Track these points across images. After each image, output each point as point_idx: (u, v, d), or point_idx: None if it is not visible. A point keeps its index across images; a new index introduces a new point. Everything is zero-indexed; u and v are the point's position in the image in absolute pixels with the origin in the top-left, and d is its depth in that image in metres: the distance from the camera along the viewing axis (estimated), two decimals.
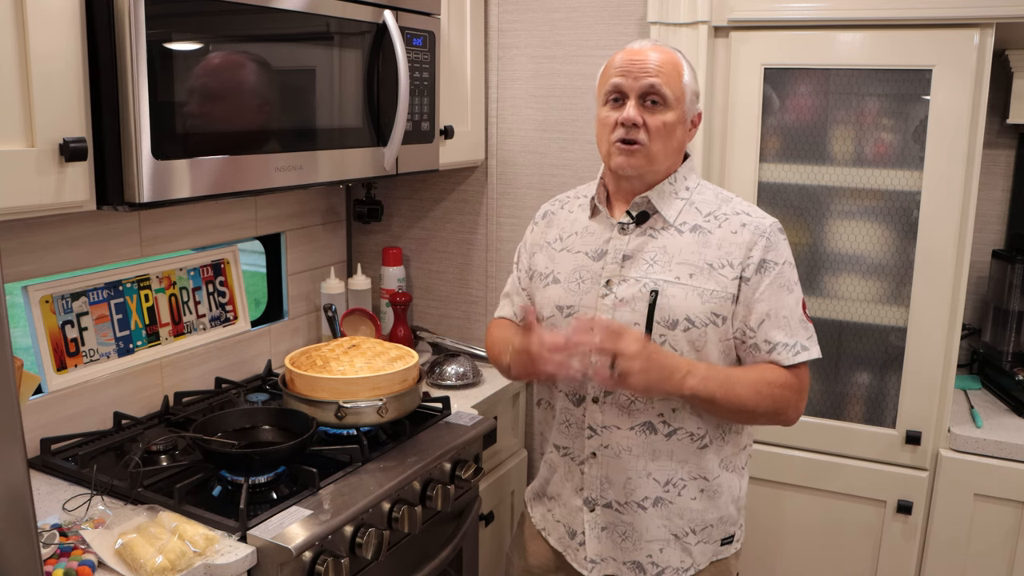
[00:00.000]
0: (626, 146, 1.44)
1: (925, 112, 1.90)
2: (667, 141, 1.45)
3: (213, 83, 1.48)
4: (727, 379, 1.40)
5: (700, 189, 1.52)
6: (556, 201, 1.67)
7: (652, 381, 1.35)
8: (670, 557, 1.52)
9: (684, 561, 1.52)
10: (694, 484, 1.50)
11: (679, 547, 1.52)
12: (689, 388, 1.37)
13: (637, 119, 1.42)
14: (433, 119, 2.04)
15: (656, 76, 1.42)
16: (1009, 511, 1.93)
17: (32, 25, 1.25)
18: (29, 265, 1.68)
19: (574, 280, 1.53)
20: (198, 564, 1.32)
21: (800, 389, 1.45)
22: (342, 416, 1.72)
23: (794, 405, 1.46)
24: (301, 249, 2.38)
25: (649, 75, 1.42)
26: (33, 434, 1.68)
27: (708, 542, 1.53)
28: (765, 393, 1.41)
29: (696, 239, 1.46)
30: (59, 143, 1.30)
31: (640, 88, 1.43)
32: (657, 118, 1.43)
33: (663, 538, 1.51)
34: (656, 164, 1.46)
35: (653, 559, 1.52)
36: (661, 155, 1.45)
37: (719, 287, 1.43)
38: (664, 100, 1.42)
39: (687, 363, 1.39)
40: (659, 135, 1.43)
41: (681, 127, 1.46)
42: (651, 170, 1.47)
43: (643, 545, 1.52)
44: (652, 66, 1.42)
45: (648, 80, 1.42)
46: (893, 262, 2.01)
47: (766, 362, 1.44)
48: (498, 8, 2.31)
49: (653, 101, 1.43)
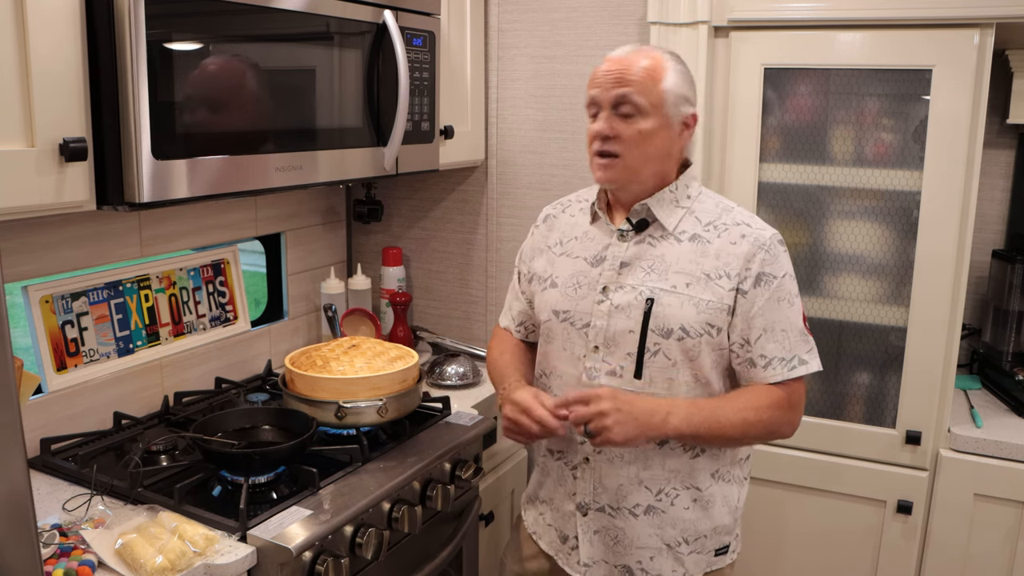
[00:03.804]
0: (602, 160, 1.44)
1: (925, 112, 1.90)
2: (643, 149, 1.43)
3: (213, 83, 1.48)
4: (712, 413, 1.40)
5: (701, 198, 1.50)
6: (558, 204, 1.66)
7: (632, 431, 1.36)
8: (661, 566, 1.51)
9: (676, 571, 1.51)
10: (687, 494, 1.49)
11: (671, 556, 1.51)
12: (673, 428, 1.38)
13: (605, 131, 1.42)
14: (433, 119, 2.04)
15: (626, 86, 1.40)
16: (1009, 511, 1.93)
17: (32, 25, 1.25)
18: (29, 265, 1.68)
19: (571, 285, 1.52)
20: (198, 564, 1.32)
21: (791, 406, 1.44)
22: (342, 416, 1.72)
23: (787, 422, 1.44)
24: (301, 249, 2.38)
25: (619, 85, 1.40)
26: (33, 434, 1.68)
27: (701, 552, 1.52)
28: (752, 419, 1.40)
29: (695, 248, 1.45)
30: (59, 143, 1.30)
31: (611, 99, 1.41)
32: (631, 127, 1.41)
33: (654, 546, 1.50)
34: (637, 174, 1.45)
35: (643, 566, 1.51)
36: (639, 164, 1.44)
37: (715, 297, 1.42)
38: (637, 108, 1.40)
39: (667, 403, 1.39)
40: (633, 144, 1.42)
41: (664, 133, 1.43)
42: (633, 180, 1.46)
43: (634, 551, 1.51)
44: (623, 75, 1.40)
45: (618, 90, 1.40)
46: (893, 262, 2.01)
47: (760, 378, 1.43)
48: (498, 8, 2.31)
49: (626, 112, 1.41)
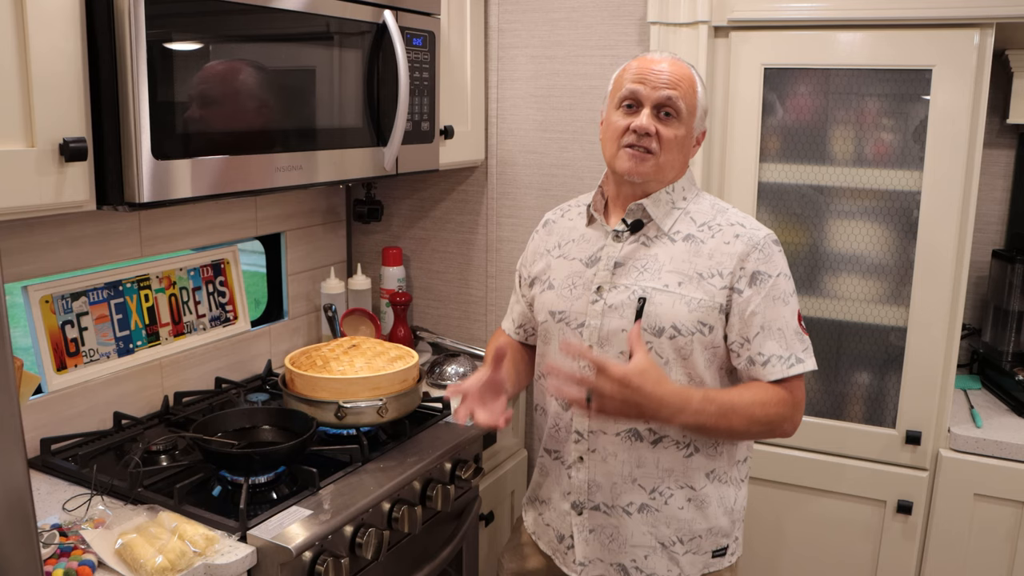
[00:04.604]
0: (637, 152, 1.43)
1: (925, 112, 1.90)
2: (677, 154, 1.45)
3: (213, 83, 1.48)
4: (720, 408, 1.38)
5: (697, 199, 1.52)
6: (558, 209, 1.68)
7: (631, 417, 1.37)
8: (656, 565, 1.51)
9: (671, 570, 1.51)
10: (681, 493, 1.49)
11: (666, 556, 1.51)
12: (679, 424, 1.38)
13: (651, 128, 1.42)
14: (433, 119, 2.04)
15: (674, 88, 1.42)
16: (1009, 511, 1.93)
17: (32, 25, 1.25)
18: (29, 265, 1.68)
19: (567, 286, 1.53)
20: (198, 564, 1.32)
21: (795, 404, 1.44)
22: (342, 416, 1.72)
23: (789, 419, 1.44)
24: (301, 249, 2.38)
25: (667, 86, 1.42)
26: (33, 434, 1.68)
27: (697, 553, 1.52)
28: (759, 415, 1.40)
29: (688, 248, 1.46)
30: (59, 143, 1.30)
31: (657, 98, 1.42)
32: (670, 130, 1.43)
33: (648, 545, 1.50)
34: (663, 174, 1.46)
35: (638, 564, 1.51)
36: (669, 167, 1.46)
37: (707, 296, 1.42)
38: (678, 113, 1.43)
39: (680, 400, 1.35)
40: (670, 147, 1.44)
41: (689, 141, 1.47)
42: (657, 179, 1.47)
43: (628, 549, 1.51)
44: (671, 78, 1.42)
45: (666, 92, 1.42)
46: (893, 262, 2.01)
47: (760, 376, 1.43)
48: (498, 8, 2.30)
49: (667, 113, 1.43)
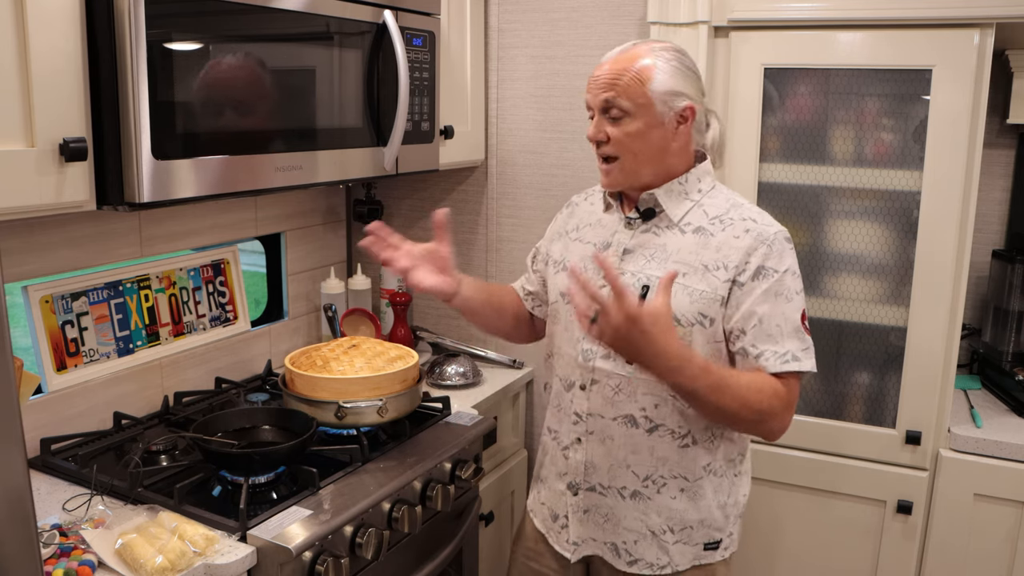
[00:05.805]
0: (604, 165, 1.48)
1: (925, 112, 1.90)
2: (639, 148, 1.44)
3: (213, 83, 1.48)
4: (716, 382, 1.35)
5: (713, 193, 1.51)
6: (584, 193, 1.70)
7: (626, 355, 1.33)
8: (644, 551, 1.52)
9: (660, 558, 1.52)
10: (674, 483, 1.49)
11: (655, 544, 1.51)
12: (671, 381, 1.34)
13: (597, 135, 1.46)
14: (433, 119, 2.04)
15: (610, 90, 1.42)
16: (1009, 511, 1.93)
17: (32, 25, 1.25)
18: (29, 265, 1.68)
19: (579, 269, 1.53)
20: (198, 564, 1.32)
21: (788, 402, 1.42)
22: (342, 416, 1.72)
23: (779, 417, 1.41)
24: (301, 249, 2.38)
25: (604, 89, 1.43)
26: (33, 434, 1.68)
27: (688, 544, 1.52)
28: (753, 401, 1.37)
29: (697, 240, 1.46)
30: (59, 143, 1.30)
31: (599, 104, 1.44)
32: (619, 129, 1.43)
33: (638, 530, 1.52)
34: (636, 175, 1.47)
35: (628, 548, 1.53)
36: (636, 165, 1.45)
37: (709, 288, 1.42)
38: (624, 111, 1.42)
39: (679, 360, 1.32)
40: (625, 145, 1.44)
41: (657, 131, 1.43)
42: (633, 181, 1.48)
43: (620, 531, 1.54)
44: (608, 79, 1.43)
45: (603, 95, 1.43)
46: (893, 262, 2.01)
47: (753, 368, 1.42)
48: (498, 8, 2.30)
49: (614, 115, 1.43)
